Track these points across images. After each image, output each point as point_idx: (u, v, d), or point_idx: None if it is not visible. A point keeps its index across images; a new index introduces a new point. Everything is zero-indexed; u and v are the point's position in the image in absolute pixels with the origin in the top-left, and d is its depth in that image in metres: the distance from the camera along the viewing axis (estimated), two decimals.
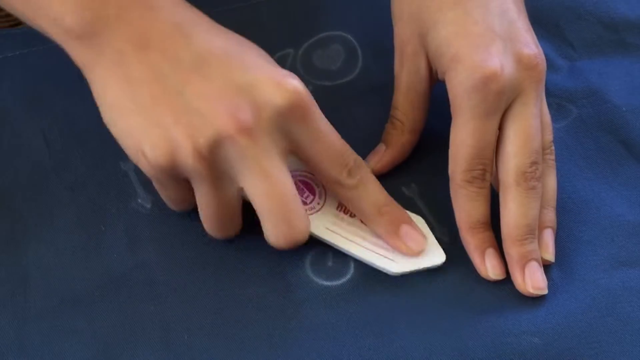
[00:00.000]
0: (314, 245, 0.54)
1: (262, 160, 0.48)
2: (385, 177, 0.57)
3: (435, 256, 0.53)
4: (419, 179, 0.58)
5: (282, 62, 0.62)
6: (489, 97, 0.52)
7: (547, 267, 0.54)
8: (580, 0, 0.67)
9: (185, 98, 0.47)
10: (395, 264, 0.53)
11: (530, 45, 0.53)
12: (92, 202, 0.56)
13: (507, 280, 0.53)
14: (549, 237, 0.54)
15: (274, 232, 0.50)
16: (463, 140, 0.52)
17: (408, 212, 0.54)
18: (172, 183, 0.50)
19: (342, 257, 0.54)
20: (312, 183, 0.54)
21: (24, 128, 0.59)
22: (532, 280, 0.52)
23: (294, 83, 0.49)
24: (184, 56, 0.48)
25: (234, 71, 0.48)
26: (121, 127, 0.49)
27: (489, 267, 0.53)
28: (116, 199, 0.56)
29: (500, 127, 0.53)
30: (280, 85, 0.48)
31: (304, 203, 0.54)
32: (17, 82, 0.61)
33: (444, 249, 0.54)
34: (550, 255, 0.54)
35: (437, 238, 0.55)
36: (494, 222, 0.54)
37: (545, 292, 0.52)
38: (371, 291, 0.53)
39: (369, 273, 0.54)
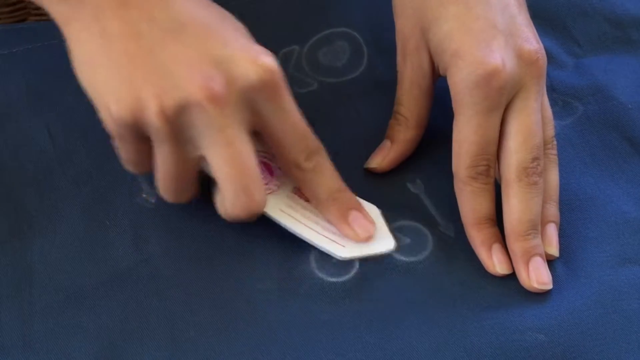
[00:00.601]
0: None
1: (227, 129, 0.48)
2: (390, 174, 0.58)
3: (384, 243, 0.54)
4: (424, 175, 0.58)
5: (287, 59, 0.63)
6: (491, 93, 0.52)
7: (552, 264, 0.54)
8: None
9: (159, 58, 0.48)
10: (344, 248, 0.53)
11: (531, 41, 0.53)
12: (96, 197, 0.56)
13: (512, 276, 0.53)
14: (552, 231, 0.54)
15: (232, 201, 0.50)
16: (466, 136, 0.53)
17: (363, 201, 0.55)
18: (134, 141, 0.50)
19: None
20: (271, 165, 0.55)
21: (29, 123, 0.59)
22: (536, 276, 0.52)
23: (268, 60, 0.49)
24: (164, 18, 0.48)
25: (211, 42, 0.48)
26: (91, 81, 0.49)
27: (496, 262, 0.53)
28: (121, 193, 0.56)
29: (502, 123, 0.53)
30: (255, 61, 0.48)
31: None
32: (23, 77, 0.61)
33: (449, 245, 0.54)
34: (554, 249, 0.54)
35: (442, 234, 0.55)
36: (497, 218, 0.54)
37: (550, 287, 0.52)
38: (376, 288, 0.53)
39: (374, 269, 0.54)
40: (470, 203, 0.53)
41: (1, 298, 0.52)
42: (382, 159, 0.58)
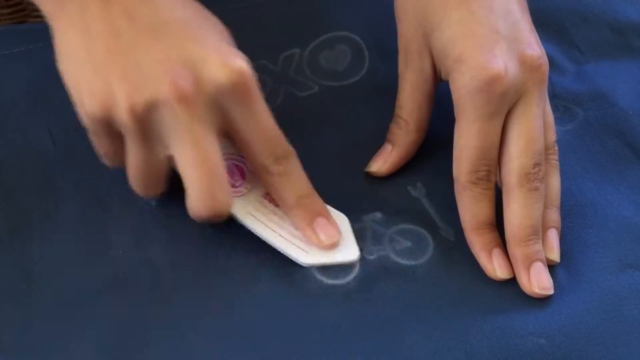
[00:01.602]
0: None
1: (194, 130, 0.48)
2: (391, 177, 0.58)
3: (349, 252, 0.54)
4: (425, 179, 0.58)
5: (288, 62, 0.63)
6: (493, 98, 0.52)
7: (553, 269, 0.53)
8: (587, 4, 0.67)
9: (134, 56, 0.48)
10: (307, 254, 0.53)
11: (533, 46, 0.53)
12: (97, 199, 0.56)
13: (513, 281, 0.53)
14: (553, 237, 0.54)
15: (196, 201, 0.50)
16: (467, 141, 0.53)
17: (333, 209, 0.54)
18: (107, 136, 0.50)
19: None
20: (244, 168, 0.55)
21: (29, 124, 0.59)
22: (537, 281, 0.52)
23: (240, 63, 0.49)
24: (144, 16, 0.49)
25: (187, 43, 0.49)
26: (70, 75, 0.50)
27: (496, 267, 0.53)
28: (121, 195, 0.56)
29: (503, 128, 0.53)
30: (227, 63, 0.49)
31: (233, 186, 0.54)
32: (23, 77, 0.61)
33: (449, 248, 0.54)
34: (555, 255, 0.54)
35: (442, 237, 0.55)
36: (497, 223, 0.54)
37: (551, 292, 0.52)
38: (376, 291, 0.53)
39: (374, 273, 0.53)
40: (471, 208, 0.53)
41: (1, 298, 0.52)
42: (382, 162, 0.58)
